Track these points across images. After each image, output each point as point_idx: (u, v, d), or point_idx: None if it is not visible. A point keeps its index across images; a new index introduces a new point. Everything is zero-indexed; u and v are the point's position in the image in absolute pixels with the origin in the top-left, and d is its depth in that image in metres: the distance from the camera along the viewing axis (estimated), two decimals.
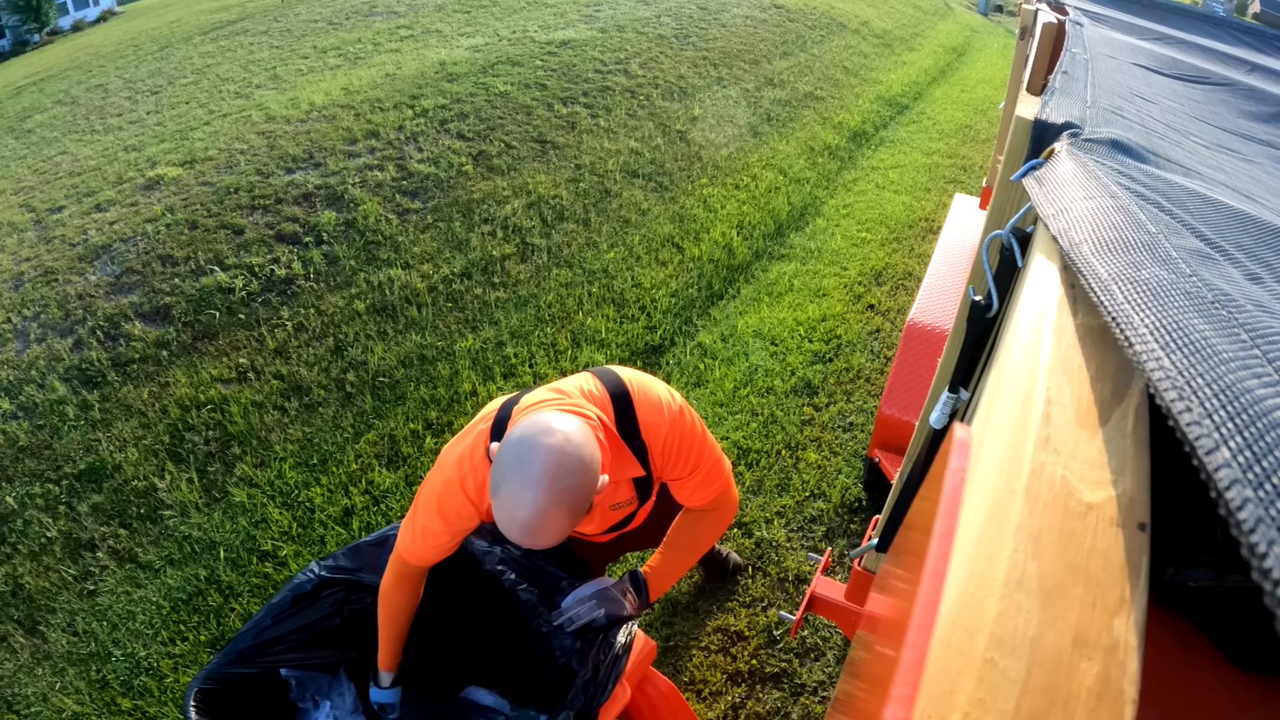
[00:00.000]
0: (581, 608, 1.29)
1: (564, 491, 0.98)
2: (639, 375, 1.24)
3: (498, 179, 4.63)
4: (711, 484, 1.28)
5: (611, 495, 1.27)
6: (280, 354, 3.31)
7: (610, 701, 1.22)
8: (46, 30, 23.74)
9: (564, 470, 0.98)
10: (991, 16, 15.09)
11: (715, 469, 1.28)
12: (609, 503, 1.29)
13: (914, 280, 4.21)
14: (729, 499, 1.34)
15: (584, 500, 1.01)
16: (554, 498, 0.98)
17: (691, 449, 1.23)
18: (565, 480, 0.98)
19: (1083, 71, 1.01)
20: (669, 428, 1.20)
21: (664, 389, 1.24)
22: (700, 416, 1.28)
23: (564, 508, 0.99)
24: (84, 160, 5.41)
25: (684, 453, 1.23)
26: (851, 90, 7.49)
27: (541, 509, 0.97)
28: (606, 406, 1.18)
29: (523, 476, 0.98)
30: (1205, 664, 0.55)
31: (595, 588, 1.32)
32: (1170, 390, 0.33)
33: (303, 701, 1.38)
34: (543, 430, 1.01)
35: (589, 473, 1.01)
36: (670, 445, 1.21)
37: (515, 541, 1.03)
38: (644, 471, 1.22)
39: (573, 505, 1.00)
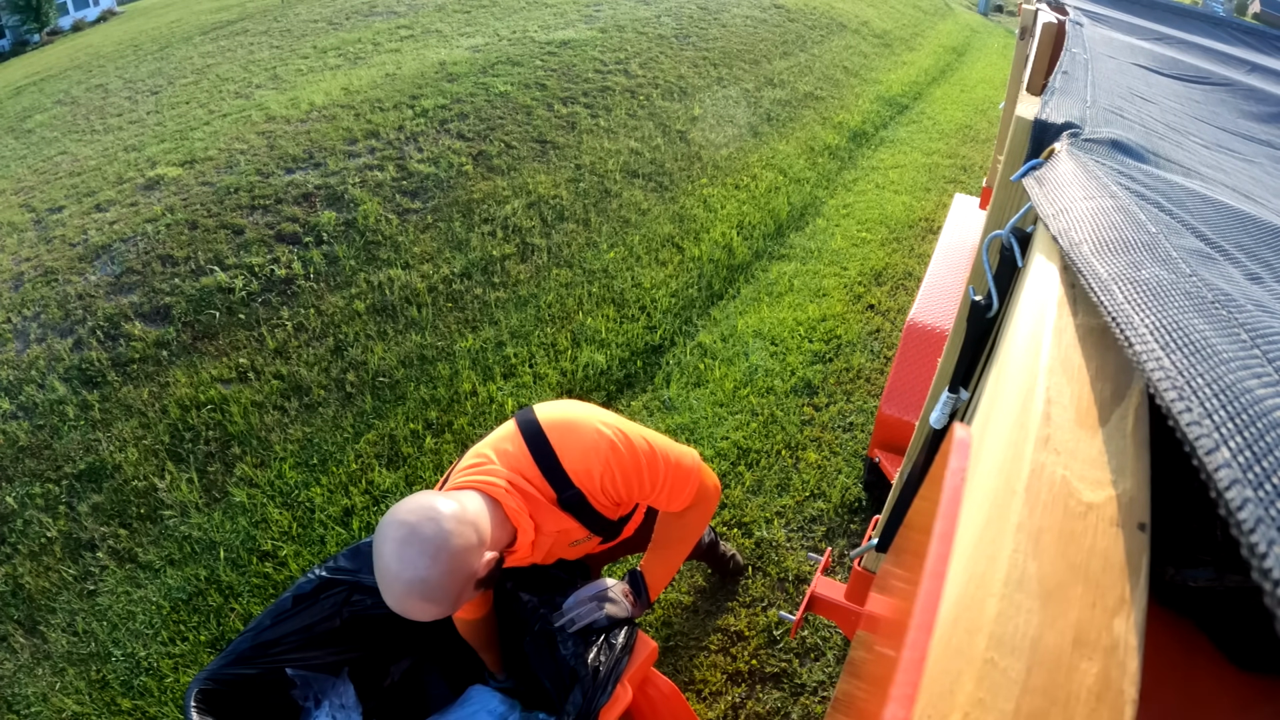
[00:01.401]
0: (583, 609, 1.29)
1: (412, 583, 0.98)
2: (564, 418, 1.18)
3: (498, 179, 4.63)
4: (680, 491, 1.25)
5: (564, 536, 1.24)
6: (280, 354, 3.31)
7: (611, 703, 1.22)
8: (46, 30, 23.73)
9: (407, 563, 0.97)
10: (991, 16, 15.09)
11: (678, 478, 1.23)
12: (565, 541, 1.26)
13: (914, 280, 4.21)
14: (705, 493, 1.31)
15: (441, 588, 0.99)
16: (403, 587, 0.98)
17: (639, 475, 1.18)
18: (411, 573, 0.97)
19: (1083, 71, 1.01)
20: (603, 467, 1.15)
21: (593, 425, 1.17)
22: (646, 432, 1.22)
23: (417, 596, 0.98)
24: (84, 160, 5.41)
25: (631, 483, 1.18)
26: (851, 90, 7.49)
27: (397, 597, 0.99)
28: (526, 464, 1.15)
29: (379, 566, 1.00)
30: (1205, 664, 0.55)
31: (596, 589, 1.32)
32: (1170, 390, 0.33)
33: (305, 701, 1.38)
34: (393, 523, 1.00)
35: (438, 564, 0.98)
36: (609, 484, 1.17)
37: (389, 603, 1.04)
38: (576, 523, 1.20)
39: (426, 595, 0.99)
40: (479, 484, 1.12)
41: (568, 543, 1.27)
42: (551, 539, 1.23)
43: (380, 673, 1.54)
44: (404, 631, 1.50)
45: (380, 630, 1.48)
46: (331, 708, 1.37)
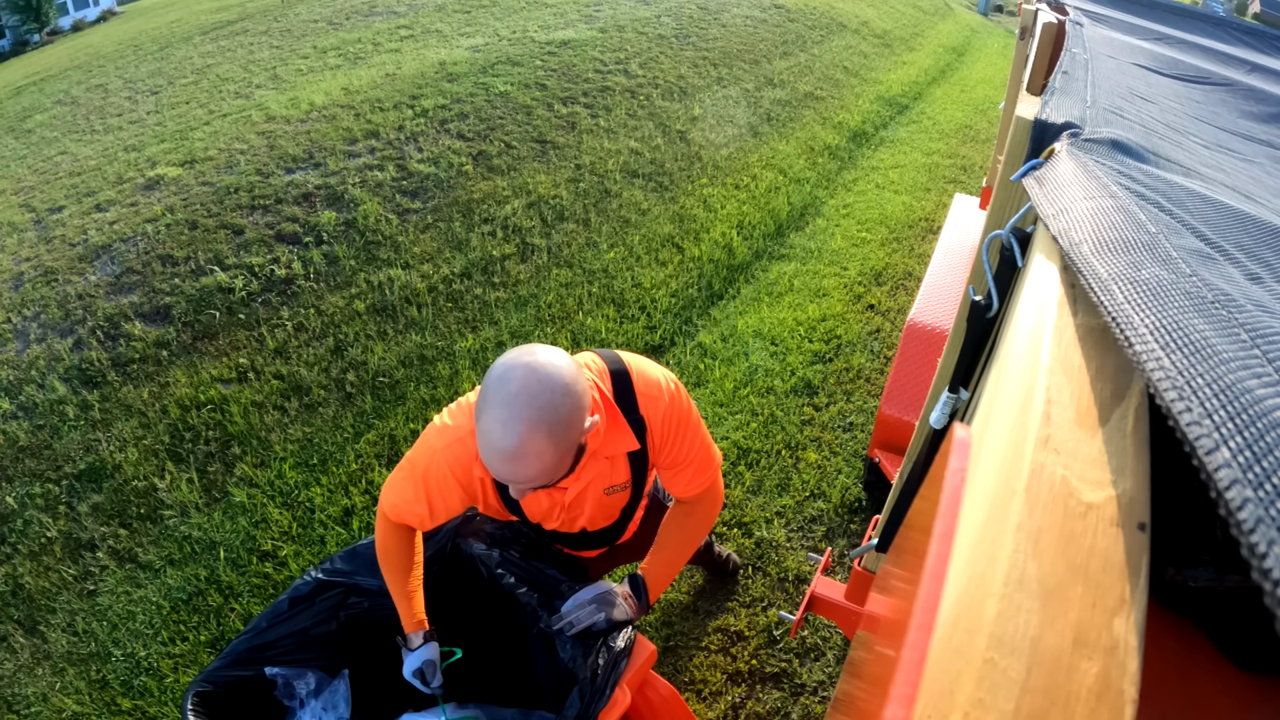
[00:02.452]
0: (581, 612, 1.28)
1: (543, 410, 0.93)
2: (638, 357, 1.25)
3: (498, 179, 4.63)
4: (704, 472, 1.29)
5: (607, 474, 1.25)
6: (280, 354, 3.31)
7: (610, 706, 1.22)
8: (46, 30, 23.74)
9: (544, 387, 0.93)
10: (991, 16, 15.09)
11: (708, 457, 1.29)
12: (603, 483, 1.26)
13: (914, 280, 4.21)
14: (717, 491, 1.34)
15: (567, 425, 0.96)
16: (533, 415, 0.93)
17: (687, 432, 1.23)
18: (545, 398, 0.93)
19: (1083, 71, 1.01)
20: (668, 405, 1.20)
21: (662, 371, 1.24)
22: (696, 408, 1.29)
23: (543, 429, 0.94)
24: (84, 160, 5.41)
25: (681, 434, 1.23)
26: (851, 90, 7.49)
27: (521, 430, 0.93)
28: (605, 378, 1.18)
29: (501, 395, 0.93)
30: (1205, 664, 0.55)
31: (595, 592, 1.31)
32: (1170, 390, 0.33)
33: (289, 700, 1.38)
34: (524, 352, 0.98)
35: (570, 394, 0.96)
36: (669, 424, 1.21)
37: (498, 476, 1.00)
38: (640, 445, 1.20)
39: (553, 428, 0.94)
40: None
41: (605, 485, 1.26)
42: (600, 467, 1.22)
43: (378, 676, 1.54)
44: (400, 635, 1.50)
45: (377, 634, 1.48)
46: (323, 704, 1.37)
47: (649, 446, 1.22)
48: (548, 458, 0.97)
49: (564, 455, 1.00)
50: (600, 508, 1.33)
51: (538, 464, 0.97)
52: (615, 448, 1.20)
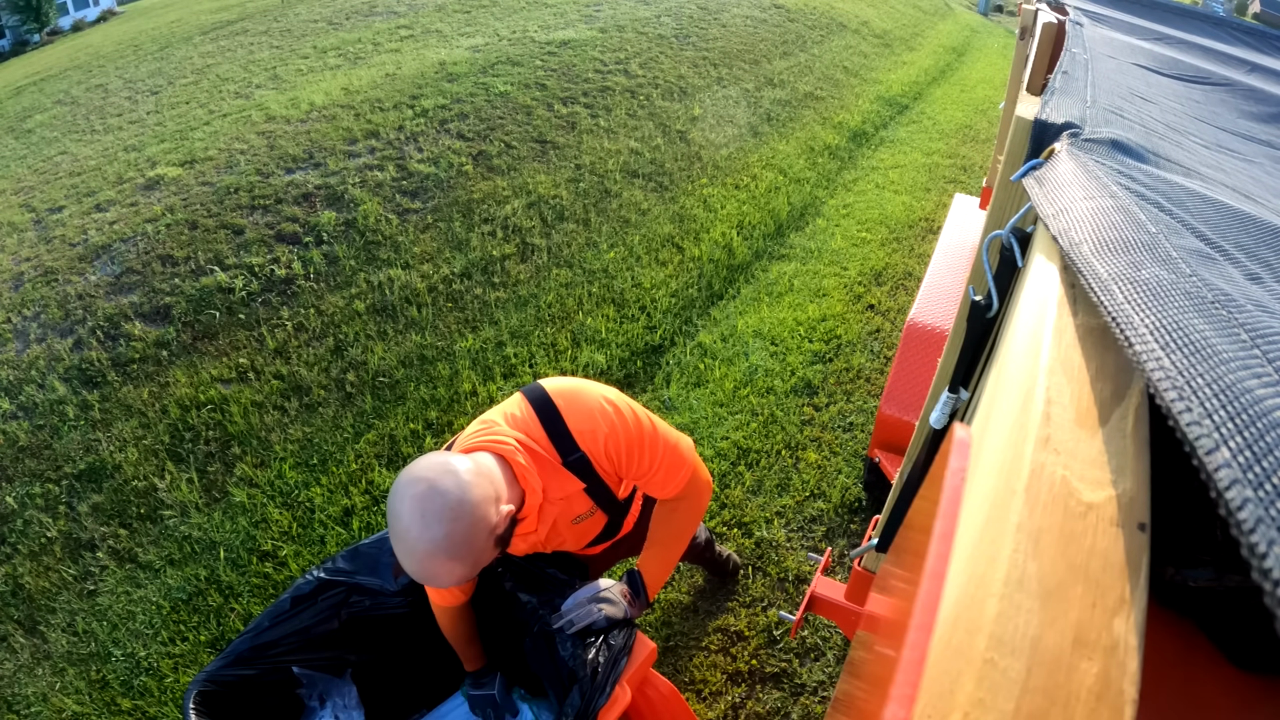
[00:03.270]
0: (581, 611, 1.29)
1: (435, 541, 0.96)
2: (570, 386, 1.21)
3: (498, 179, 4.63)
4: (675, 474, 1.26)
5: (567, 510, 1.24)
6: (280, 354, 3.31)
7: (610, 704, 1.22)
8: (46, 30, 23.74)
9: (432, 518, 0.96)
10: (991, 16, 15.10)
11: (674, 460, 1.25)
12: (568, 517, 1.26)
13: (914, 280, 4.21)
14: (698, 483, 1.32)
15: (463, 544, 0.98)
16: (428, 548, 0.96)
17: (641, 448, 1.20)
18: (435, 529, 0.96)
19: (1083, 71, 1.01)
20: (607, 434, 1.17)
21: (597, 394, 1.20)
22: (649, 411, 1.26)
23: (441, 555, 0.97)
24: (84, 160, 5.41)
25: (633, 453, 1.20)
26: (851, 90, 7.49)
27: (419, 558, 0.97)
28: (533, 427, 1.16)
29: (398, 529, 0.97)
30: (1205, 664, 0.55)
31: (594, 590, 1.31)
32: (1170, 390, 0.33)
33: (310, 699, 1.38)
34: (409, 481, 0.99)
35: (461, 515, 0.97)
36: (613, 449, 1.18)
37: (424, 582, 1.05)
38: (582, 484, 1.20)
39: (451, 551, 0.97)
40: (488, 444, 1.12)
41: (571, 518, 1.26)
42: (557, 508, 1.22)
43: (380, 675, 1.54)
44: (402, 633, 1.50)
45: (379, 632, 1.48)
46: (335, 708, 1.37)
47: (600, 473, 1.20)
48: (457, 571, 1.00)
49: (477, 558, 1.01)
50: (578, 533, 1.33)
51: (449, 578, 1.01)
52: (561, 491, 1.19)
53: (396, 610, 1.47)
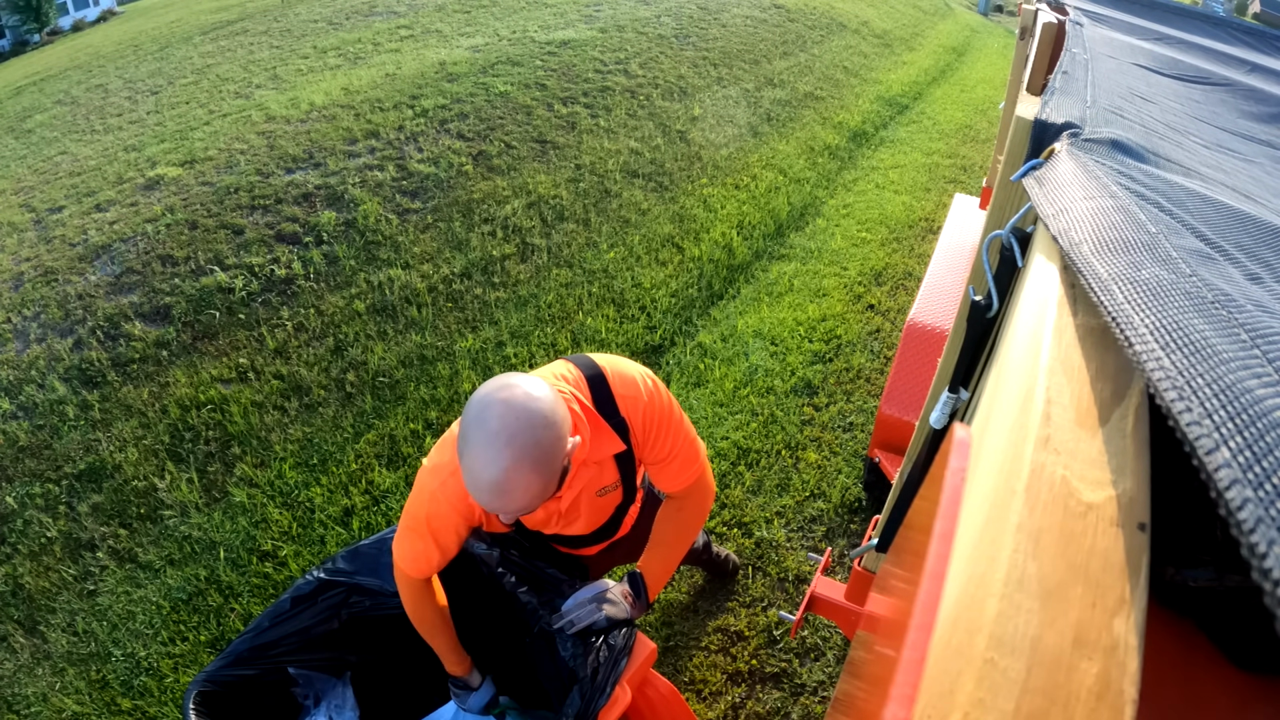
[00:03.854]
0: (582, 611, 1.28)
1: (525, 446, 0.95)
2: (613, 358, 1.25)
3: (498, 179, 4.63)
4: (690, 466, 1.30)
5: (597, 478, 1.26)
6: (280, 354, 3.31)
7: (610, 704, 1.22)
8: (46, 30, 23.74)
9: (523, 424, 0.95)
10: (991, 16, 15.10)
11: (692, 450, 1.30)
12: (595, 487, 1.28)
13: (914, 280, 4.21)
14: (705, 483, 1.35)
15: (550, 456, 0.98)
16: (515, 452, 0.95)
17: (669, 427, 1.24)
18: (526, 434, 0.95)
19: (1083, 71, 1.01)
20: (647, 403, 1.21)
21: (638, 369, 1.25)
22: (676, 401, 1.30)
23: (527, 464, 0.96)
24: (84, 160, 5.41)
25: (662, 430, 1.24)
26: (851, 90, 7.49)
27: (505, 466, 0.95)
28: (582, 386, 1.18)
29: (482, 434, 0.95)
30: (1205, 664, 0.55)
31: (595, 591, 1.31)
32: (1170, 390, 0.33)
33: (305, 699, 1.38)
34: (499, 387, 0.98)
35: (550, 425, 0.98)
36: (649, 421, 1.22)
37: (488, 508, 1.01)
38: (625, 446, 1.22)
39: (537, 462, 0.96)
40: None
41: (597, 488, 1.28)
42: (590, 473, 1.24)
43: (380, 676, 1.54)
44: (402, 633, 1.50)
45: (379, 632, 1.48)
46: (329, 709, 1.37)
47: (633, 444, 1.24)
48: (534, 489, 0.99)
49: (549, 482, 1.01)
50: (594, 510, 1.34)
51: (524, 496, 0.99)
52: (601, 453, 1.21)
53: (396, 610, 1.47)
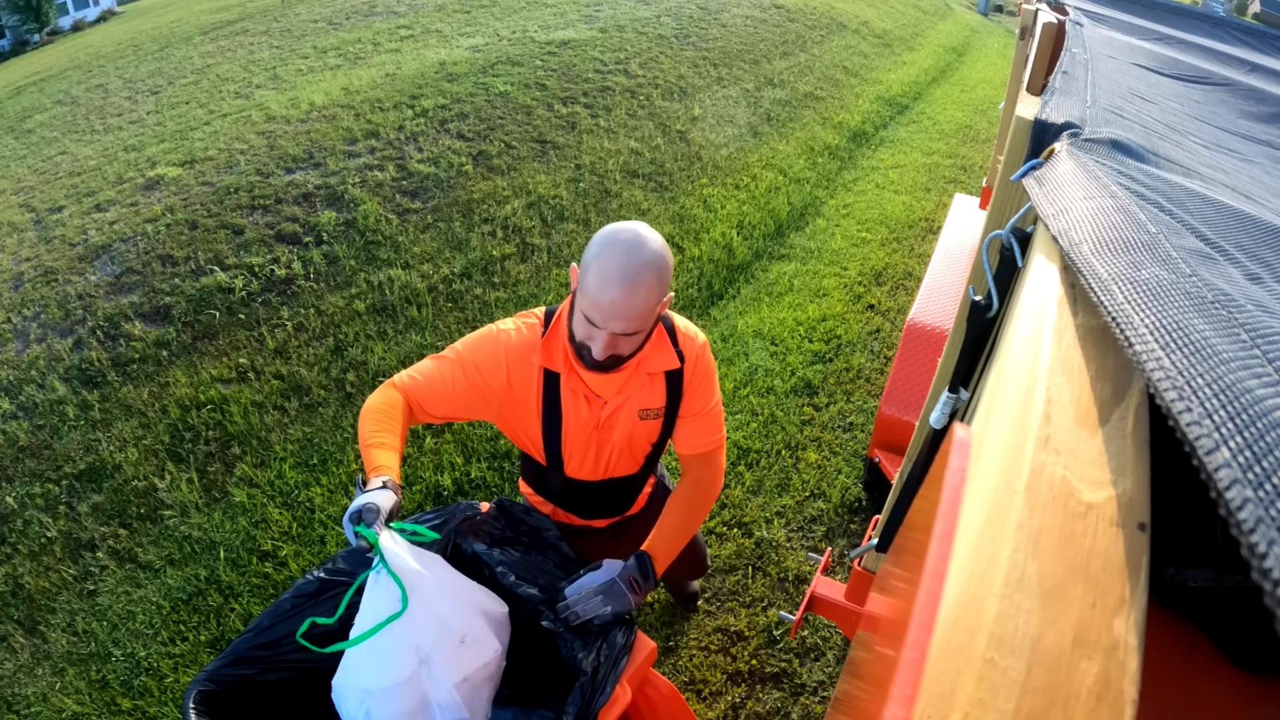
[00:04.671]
0: (588, 604, 1.25)
1: (654, 255, 1.11)
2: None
3: (498, 179, 4.63)
4: (714, 432, 1.38)
5: (647, 393, 1.33)
6: (280, 354, 3.31)
7: (610, 703, 1.22)
8: (46, 30, 23.74)
9: (653, 242, 1.12)
10: (991, 16, 15.10)
11: (719, 417, 1.39)
12: (640, 405, 1.34)
13: (914, 280, 4.21)
14: (720, 461, 1.41)
15: (667, 273, 1.14)
16: (648, 257, 1.10)
17: (710, 382, 1.37)
18: (654, 247, 1.11)
19: (1083, 71, 1.01)
20: (700, 348, 1.35)
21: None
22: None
23: (653, 268, 1.10)
24: (84, 160, 5.41)
25: (706, 382, 1.36)
26: (851, 90, 7.49)
27: (640, 265, 1.09)
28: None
29: (619, 242, 1.10)
30: (1205, 664, 0.55)
31: (602, 579, 1.27)
32: (1170, 390, 0.33)
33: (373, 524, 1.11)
34: (624, 224, 1.14)
35: (668, 253, 1.15)
36: (698, 367, 1.34)
37: (605, 310, 1.11)
38: (679, 364, 1.31)
39: (660, 271, 1.12)
40: None
41: (642, 407, 1.34)
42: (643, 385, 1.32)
43: None
44: None
45: None
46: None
47: (684, 382, 1.33)
48: (652, 295, 1.12)
49: (656, 305, 1.15)
50: (629, 438, 1.37)
51: (644, 298, 1.11)
52: (657, 364, 1.31)
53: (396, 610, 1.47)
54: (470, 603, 1.18)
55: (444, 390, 1.27)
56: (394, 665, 1.08)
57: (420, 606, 1.08)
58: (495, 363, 1.26)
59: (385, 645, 1.07)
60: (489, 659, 1.16)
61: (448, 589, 1.15)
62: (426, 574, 1.12)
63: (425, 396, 1.27)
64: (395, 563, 1.08)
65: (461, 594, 1.18)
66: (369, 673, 1.09)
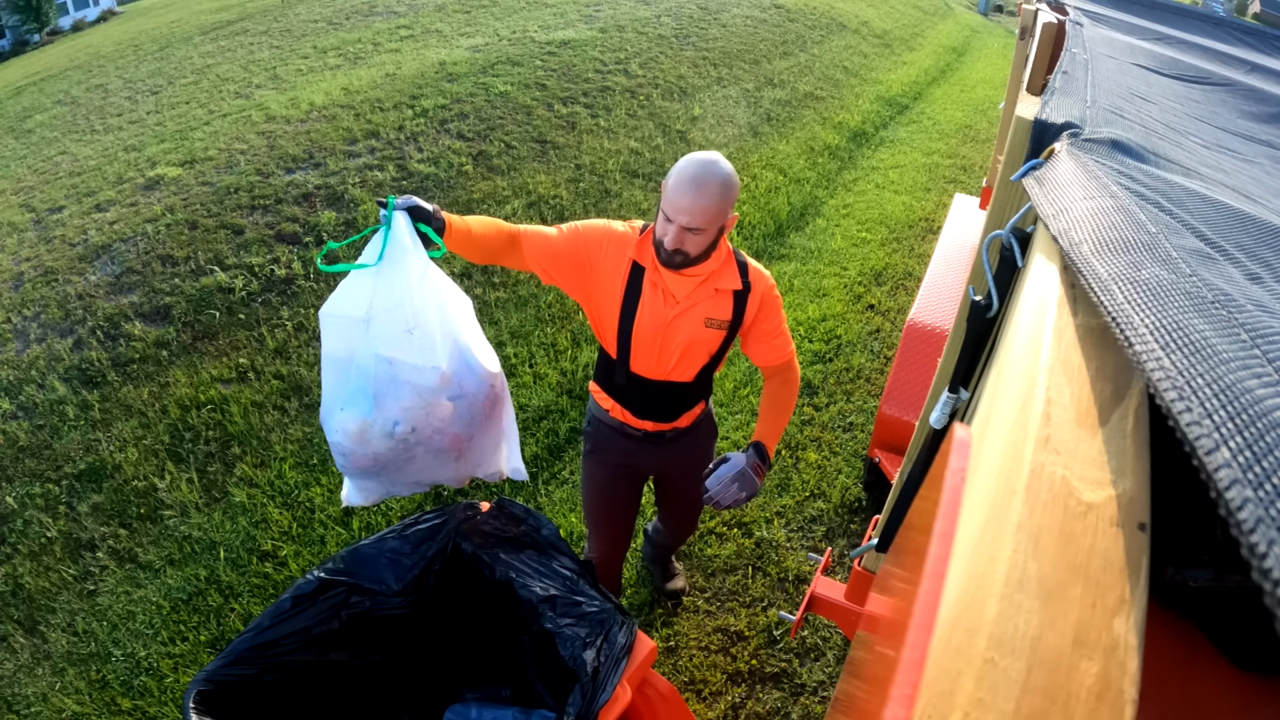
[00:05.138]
0: (727, 491, 1.51)
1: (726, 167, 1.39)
2: None
3: (498, 179, 4.63)
4: (786, 348, 1.64)
5: (713, 305, 1.54)
6: (280, 354, 3.31)
7: (610, 703, 1.22)
8: (46, 30, 23.73)
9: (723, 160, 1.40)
10: (991, 16, 15.10)
11: (787, 340, 1.65)
12: (706, 314, 1.54)
13: (914, 280, 4.21)
14: (797, 368, 1.70)
15: (733, 186, 1.40)
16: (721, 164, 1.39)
17: (778, 312, 1.60)
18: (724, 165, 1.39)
19: (1083, 71, 1.01)
20: (769, 283, 1.58)
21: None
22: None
23: (724, 174, 1.37)
24: (84, 160, 5.41)
25: (774, 311, 1.59)
26: (851, 90, 7.49)
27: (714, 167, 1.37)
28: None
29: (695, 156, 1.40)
30: (1205, 664, 0.55)
31: (735, 469, 1.52)
32: (1170, 390, 0.33)
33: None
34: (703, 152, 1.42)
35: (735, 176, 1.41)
36: (767, 298, 1.57)
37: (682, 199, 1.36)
38: (743, 286, 1.54)
39: (729, 178, 1.38)
40: None
41: (707, 316, 1.54)
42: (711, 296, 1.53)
43: (380, 676, 1.54)
44: (402, 633, 1.50)
45: (379, 632, 1.48)
46: None
47: (748, 304, 1.56)
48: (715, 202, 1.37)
49: (719, 213, 1.39)
50: (694, 341, 1.56)
51: (709, 203, 1.36)
52: (725, 283, 1.53)
53: (396, 610, 1.47)
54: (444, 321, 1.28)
55: (550, 244, 1.51)
56: (346, 303, 1.24)
57: (392, 278, 1.22)
58: (599, 241, 1.52)
59: (352, 286, 1.24)
60: (424, 368, 1.24)
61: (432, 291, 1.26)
62: (418, 263, 1.24)
63: (534, 240, 1.50)
64: (394, 235, 1.23)
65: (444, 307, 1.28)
66: (332, 299, 1.26)
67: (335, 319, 1.25)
